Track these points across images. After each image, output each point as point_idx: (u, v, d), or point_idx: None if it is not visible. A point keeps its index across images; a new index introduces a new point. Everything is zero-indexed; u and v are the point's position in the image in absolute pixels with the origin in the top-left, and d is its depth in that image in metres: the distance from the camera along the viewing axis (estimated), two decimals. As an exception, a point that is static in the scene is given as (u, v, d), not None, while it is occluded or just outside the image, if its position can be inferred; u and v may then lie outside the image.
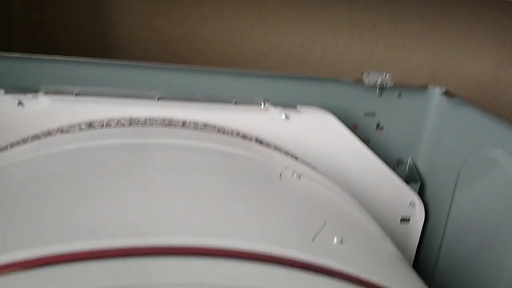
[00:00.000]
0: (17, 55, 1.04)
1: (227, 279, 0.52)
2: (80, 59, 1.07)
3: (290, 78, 1.15)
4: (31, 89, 1.00)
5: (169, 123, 1.00)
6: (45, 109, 0.99)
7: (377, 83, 1.18)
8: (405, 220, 1.19)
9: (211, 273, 0.53)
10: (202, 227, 0.61)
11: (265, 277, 0.55)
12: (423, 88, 1.23)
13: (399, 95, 1.22)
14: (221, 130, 1.03)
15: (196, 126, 1.01)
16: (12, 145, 0.96)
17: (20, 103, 0.98)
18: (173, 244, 0.56)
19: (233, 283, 0.52)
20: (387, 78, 1.18)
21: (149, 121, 1.00)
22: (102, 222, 0.59)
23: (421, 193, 1.25)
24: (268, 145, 1.05)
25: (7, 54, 1.04)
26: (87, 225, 0.59)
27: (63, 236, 0.57)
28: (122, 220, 0.60)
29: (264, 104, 1.08)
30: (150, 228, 0.58)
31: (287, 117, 1.07)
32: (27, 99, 0.98)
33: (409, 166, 1.28)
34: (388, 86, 1.19)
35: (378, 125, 1.23)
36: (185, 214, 0.63)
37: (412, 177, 1.26)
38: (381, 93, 1.20)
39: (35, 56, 1.05)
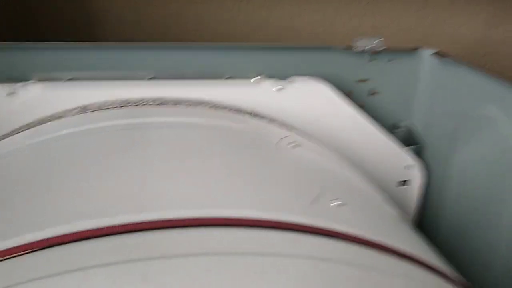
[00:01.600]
0: (5, 44, 1.03)
1: (231, 246, 0.53)
2: (69, 44, 1.06)
3: (281, 49, 1.14)
4: (22, 78, 0.99)
5: (162, 102, 1.00)
6: (37, 97, 0.98)
7: (367, 48, 1.17)
8: (404, 182, 1.20)
9: (215, 242, 0.53)
10: (202, 199, 0.61)
11: (268, 242, 0.55)
12: (413, 50, 1.23)
13: (390, 60, 1.21)
14: (215, 106, 1.03)
15: (189, 103, 1.01)
16: (5, 135, 0.95)
17: (11, 92, 0.97)
18: (176, 217, 0.56)
19: (238, 249, 0.53)
20: (377, 42, 1.18)
21: (142, 101, 0.99)
22: (104, 201, 0.59)
23: (420, 155, 1.25)
24: (262, 117, 1.05)
25: (-4, 43, 1.03)
26: (89, 205, 0.59)
27: (66, 217, 0.57)
28: (123, 198, 0.60)
29: (257, 77, 1.07)
30: (151, 204, 0.58)
31: (280, 88, 1.06)
32: (18, 88, 0.97)
33: (405, 129, 1.28)
34: (378, 51, 1.19)
35: (371, 91, 1.23)
36: (185, 188, 0.64)
37: (409, 141, 1.26)
38: (372, 58, 1.20)
39: (24, 44, 1.04)
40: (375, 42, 1.18)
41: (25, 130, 0.95)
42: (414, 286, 0.60)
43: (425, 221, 1.27)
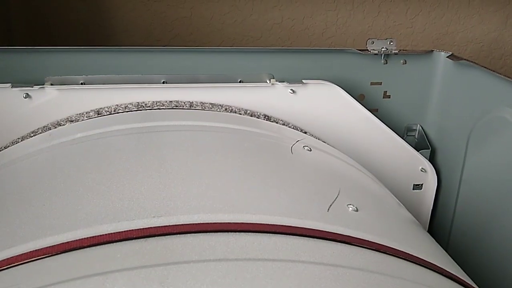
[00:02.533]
0: (20, 48, 1.04)
1: (248, 252, 0.53)
2: (84, 47, 1.07)
3: (294, 52, 1.14)
4: (37, 81, 1.00)
5: (176, 105, 1.00)
6: (52, 100, 0.99)
7: (382, 51, 1.17)
8: (417, 186, 1.19)
9: (232, 248, 0.53)
10: (219, 204, 0.61)
11: (286, 248, 0.55)
12: (428, 53, 1.22)
13: (405, 62, 1.21)
14: (228, 109, 1.03)
15: (203, 106, 1.01)
16: (23, 138, 0.96)
17: (27, 95, 0.98)
18: (193, 222, 0.56)
19: (255, 255, 0.53)
20: (391, 45, 1.17)
21: (156, 104, 1.00)
22: (122, 205, 0.60)
23: (432, 159, 1.25)
24: (276, 121, 1.05)
25: (11, 48, 1.04)
26: (107, 210, 0.59)
27: (84, 221, 0.57)
28: (140, 202, 0.60)
29: (269, 81, 1.07)
30: (169, 208, 0.59)
31: (293, 91, 1.06)
32: (34, 91, 0.98)
33: (418, 133, 1.28)
34: (392, 53, 1.18)
35: (385, 94, 1.22)
36: (202, 192, 0.64)
37: (422, 144, 1.26)
38: (386, 61, 1.19)
39: (39, 47, 1.05)
40: (388, 44, 1.17)
41: (40, 133, 0.96)
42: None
43: (436, 225, 1.26)
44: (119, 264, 0.50)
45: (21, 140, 0.94)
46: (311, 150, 0.87)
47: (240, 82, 1.07)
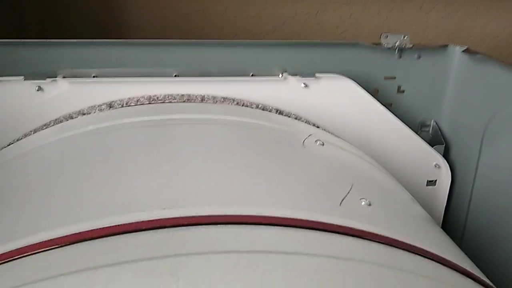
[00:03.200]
0: (33, 41, 1.04)
1: (259, 244, 0.53)
2: (96, 40, 1.07)
3: (307, 46, 1.13)
4: (49, 74, 1.00)
5: (188, 98, 1.00)
6: (64, 93, 0.99)
7: (396, 45, 1.15)
8: (431, 182, 1.18)
9: (243, 240, 0.53)
10: (230, 196, 0.61)
11: (296, 241, 0.55)
12: (442, 47, 1.20)
13: (419, 57, 1.19)
14: (240, 103, 1.02)
15: (215, 100, 1.01)
16: (35, 130, 0.97)
17: (39, 88, 0.98)
18: (203, 214, 0.56)
19: (265, 248, 0.52)
20: (405, 39, 1.16)
21: (168, 98, 1.00)
22: (132, 197, 0.59)
23: (446, 155, 1.23)
24: (288, 115, 1.04)
25: (24, 41, 1.04)
26: (117, 201, 0.59)
27: (95, 212, 0.57)
28: (151, 194, 0.60)
29: (282, 74, 1.06)
30: (179, 200, 0.58)
31: (306, 85, 1.05)
32: (46, 84, 0.98)
33: (432, 128, 1.26)
34: (407, 47, 1.17)
35: (399, 89, 1.21)
36: (213, 185, 0.63)
37: (436, 139, 1.24)
38: (400, 55, 1.18)
39: (51, 40, 1.05)
40: (403, 38, 1.16)
41: (52, 125, 0.96)
42: (441, 287, 0.59)
43: (449, 222, 1.25)
44: (129, 255, 0.49)
45: (33, 133, 0.94)
46: (323, 145, 0.86)
47: (252, 75, 1.06)
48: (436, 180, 1.18)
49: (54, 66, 1.02)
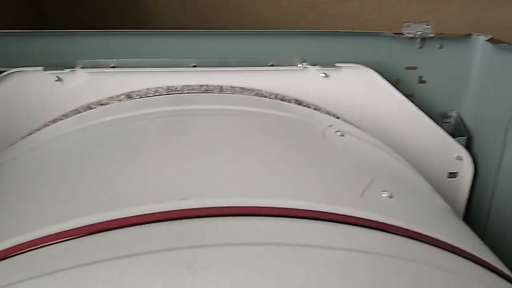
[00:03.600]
0: (52, 32, 1.04)
1: (278, 236, 0.52)
2: (114, 31, 1.07)
3: (327, 35, 1.11)
4: (68, 64, 1.00)
5: (206, 89, 0.99)
6: (83, 84, 0.99)
7: (417, 34, 1.13)
8: (452, 174, 1.15)
9: (262, 232, 0.52)
10: (249, 188, 0.60)
11: (316, 234, 0.54)
12: (466, 37, 1.18)
13: (441, 46, 1.17)
14: (259, 94, 1.01)
15: (233, 90, 1.00)
16: (54, 121, 0.97)
17: (58, 79, 0.98)
18: (222, 205, 0.55)
19: (284, 240, 0.51)
20: (427, 29, 1.13)
21: (186, 88, 0.99)
22: (149, 188, 0.59)
23: (468, 147, 1.20)
24: (308, 105, 1.03)
25: (43, 31, 1.04)
26: (134, 192, 0.59)
27: (112, 203, 0.57)
28: (168, 184, 0.60)
29: (301, 64, 1.05)
30: (197, 191, 0.58)
31: (326, 75, 1.04)
32: (65, 74, 0.99)
33: (454, 119, 1.24)
34: (428, 37, 1.14)
35: (420, 79, 1.19)
36: (231, 176, 0.63)
37: (458, 131, 1.22)
38: (422, 45, 1.15)
39: (70, 31, 1.05)
40: (424, 27, 1.13)
41: (71, 116, 0.96)
42: (465, 282, 0.58)
43: (471, 216, 1.22)
44: (147, 247, 0.49)
45: (52, 123, 0.95)
46: (343, 135, 0.85)
47: (271, 65, 1.05)
48: (457, 173, 1.16)
49: (73, 57, 1.02)
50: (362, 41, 1.13)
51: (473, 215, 1.22)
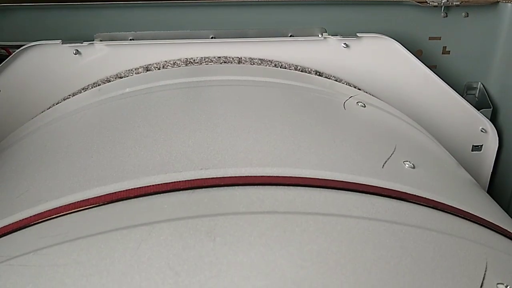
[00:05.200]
0: (70, 4, 1.04)
1: (297, 206, 0.51)
2: (132, 3, 1.06)
3: (348, 5, 1.09)
4: (87, 37, 1.00)
5: (225, 60, 0.98)
6: (102, 57, 0.99)
7: (442, 2, 1.10)
8: (477, 147, 1.13)
9: (281, 201, 0.51)
10: (268, 157, 0.59)
11: (337, 203, 0.53)
12: (493, 4, 1.14)
13: (466, 15, 1.13)
14: (278, 65, 1.00)
15: (252, 62, 0.98)
16: (73, 94, 0.97)
17: (77, 52, 0.98)
18: (241, 174, 0.54)
19: (304, 209, 0.51)
20: (452, -4, 1.10)
21: (205, 60, 0.98)
22: (169, 158, 0.59)
23: (493, 119, 1.17)
24: (328, 76, 1.01)
25: (61, 4, 1.04)
26: (154, 161, 0.58)
27: (132, 172, 0.57)
28: (188, 154, 0.59)
29: (322, 34, 1.03)
30: (216, 161, 0.57)
31: (347, 46, 1.02)
32: (84, 47, 0.98)
33: (479, 91, 1.21)
34: (453, 5, 1.11)
35: (444, 49, 1.16)
36: (251, 146, 0.62)
37: (483, 103, 1.19)
38: (447, 14, 1.12)
39: (88, 3, 1.04)
40: (449, -4, 1.10)
41: (91, 88, 0.96)
42: (491, 252, 0.56)
43: (495, 189, 1.20)
44: (166, 215, 0.49)
45: (72, 96, 0.95)
46: (365, 106, 0.83)
47: (290, 36, 1.03)
48: (482, 145, 1.13)
49: (92, 30, 1.02)
50: (384, 10, 1.10)
51: (497, 188, 1.19)
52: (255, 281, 0.41)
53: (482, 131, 1.12)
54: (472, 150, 1.13)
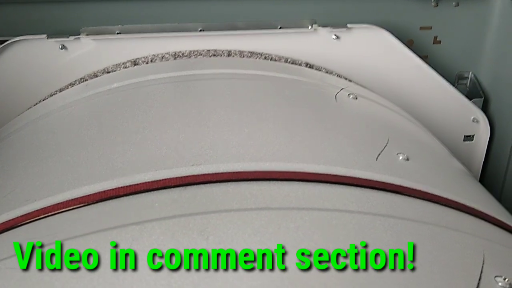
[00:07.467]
0: (56, -2, 1.02)
1: (291, 201, 0.50)
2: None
3: (337, -5, 1.08)
4: (73, 32, 0.98)
5: (214, 53, 0.97)
6: (88, 51, 0.97)
7: (432, -8, 1.09)
8: (468, 137, 1.13)
9: (275, 196, 0.50)
10: (261, 152, 0.58)
11: (332, 197, 0.52)
12: (483, -6, 1.13)
13: (457, 4, 1.13)
14: (268, 57, 0.98)
15: (242, 54, 0.97)
16: (60, 90, 0.95)
17: (63, 47, 0.96)
18: (233, 170, 0.53)
19: (298, 205, 0.50)
20: (443, -15, 1.09)
21: (194, 53, 0.96)
22: (160, 154, 0.57)
23: (485, 109, 1.17)
24: (319, 68, 1.00)
25: (46, -1, 1.02)
26: (144, 158, 0.57)
27: (122, 170, 0.55)
28: (179, 150, 0.58)
29: (312, 26, 1.02)
30: (208, 157, 0.56)
31: (337, 37, 1.01)
32: (70, 42, 0.96)
33: (470, 81, 1.20)
34: (444, -5, 1.10)
35: (435, 39, 1.15)
36: (243, 141, 0.61)
37: (475, 93, 1.18)
38: (437, 3, 1.11)
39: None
40: (440, -15, 1.09)
41: (78, 84, 0.94)
42: (484, 243, 0.56)
43: (487, 179, 1.20)
44: (157, 213, 0.48)
45: (59, 92, 0.93)
46: (357, 98, 0.82)
47: (280, 28, 1.02)
48: (474, 135, 1.13)
49: (78, 24, 1.00)
50: (374, 0, 1.09)
51: (489, 177, 1.20)
52: (250, 281, 0.40)
53: (473, 120, 1.12)
54: (464, 140, 1.13)
